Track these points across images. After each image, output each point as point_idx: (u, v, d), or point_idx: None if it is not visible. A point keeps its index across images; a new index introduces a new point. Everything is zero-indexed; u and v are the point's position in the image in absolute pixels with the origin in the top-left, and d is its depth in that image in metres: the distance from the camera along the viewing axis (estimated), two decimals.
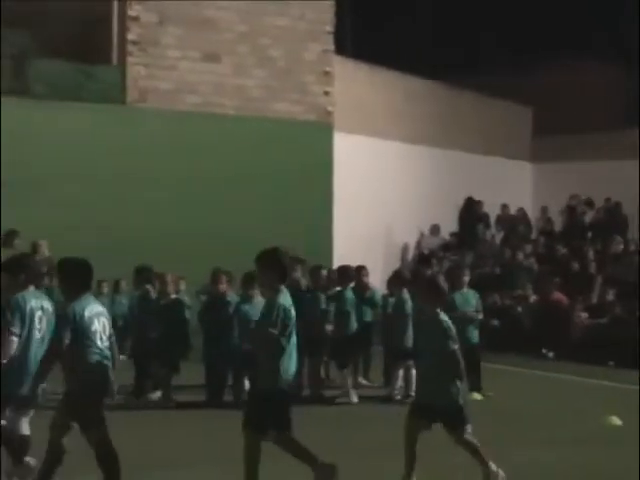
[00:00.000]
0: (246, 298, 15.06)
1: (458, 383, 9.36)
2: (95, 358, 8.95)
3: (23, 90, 23.00)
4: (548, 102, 31.68)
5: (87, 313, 8.97)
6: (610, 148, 29.20)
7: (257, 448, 8.99)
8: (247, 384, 14.73)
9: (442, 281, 9.95)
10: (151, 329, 15.44)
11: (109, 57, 24.13)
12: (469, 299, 16.20)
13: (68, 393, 9.06)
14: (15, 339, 9.07)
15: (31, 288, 9.52)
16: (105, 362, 9.04)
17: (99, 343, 8.99)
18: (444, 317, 9.61)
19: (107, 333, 9.11)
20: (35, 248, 19.76)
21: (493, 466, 9.37)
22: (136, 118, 23.94)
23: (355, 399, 15.40)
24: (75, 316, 8.86)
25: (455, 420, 9.37)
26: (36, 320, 9.21)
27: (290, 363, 9.08)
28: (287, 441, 9.07)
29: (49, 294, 20.66)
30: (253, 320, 14.64)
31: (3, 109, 22.30)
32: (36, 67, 23.20)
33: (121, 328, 20.28)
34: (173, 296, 15.92)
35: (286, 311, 9.01)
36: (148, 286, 15.98)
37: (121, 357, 19.73)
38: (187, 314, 15.77)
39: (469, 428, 9.39)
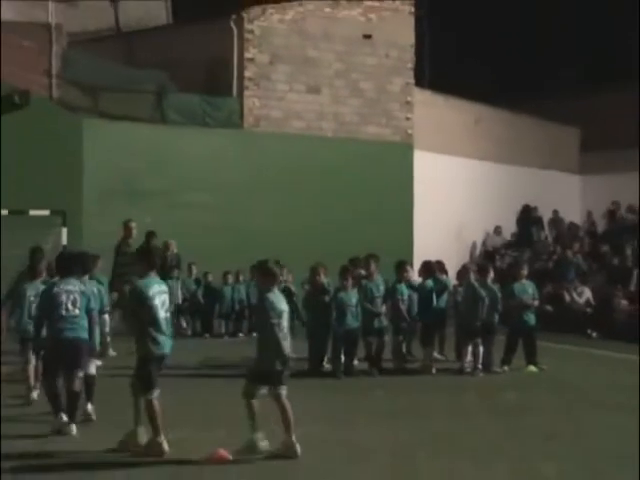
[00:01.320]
0: (342, 287, 15.05)
1: (277, 352, 9.28)
2: (58, 322, 10.16)
3: (161, 118, 23.41)
4: (594, 123, 31.29)
5: (55, 289, 10.29)
6: None
7: (138, 405, 9.48)
8: (342, 357, 14.87)
9: (274, 266, 9.80)
10: None
11: (230, 91, 24.28)
12: (527, 289, 16.05)
13: None
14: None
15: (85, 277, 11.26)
16: (64, 325, 10.17)
17: (62, 312, 10.16)
18: (270, 296, 9.45)
19: (77, 305, 10.22)
20: (166, 246, 20.04)
21: (294, 438, 9.26)
22: (251, 140, 24.17)
23: (434, 371, 15.43)
24: (48, 291, 10.37)
25: (274, 382, 9.31)
26: (63, 300, 10.27)
27: (157, 334, 9.34)
28: (147, 403, 9.35)
29: (184, 282, 20.95)
30: (348, 305, 14.92)
31: (145, 134, 22.83)
32: (171, 99, 23.52)
33: (237, 311, 20.68)
34: (283, 285, 16.05)
35: (142, 292, 9.40)
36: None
37: (240, 335, 19.96)
38: (294, 300, 15.93)
39: (284, 389, 9.34)
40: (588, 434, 10.76)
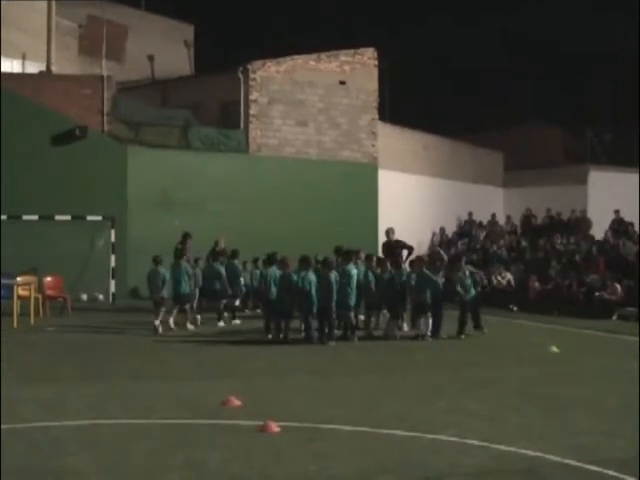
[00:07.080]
0: (324, 274, 14.65)
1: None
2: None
3: (187, 146, 23.58)
4: (515, 149, 31.60)
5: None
6: (555, 178, 29.14)
7: None
8: (326, 328, 14.50)
9: None
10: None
11: (238, 124, 24.43)
12: (474, 276, 16.13)
13: None
14: None
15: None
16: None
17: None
18: None
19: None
20: (217, 242, 19.83)
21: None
22: (255, 162, 24.31)
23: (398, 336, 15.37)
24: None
25: None
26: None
27: None
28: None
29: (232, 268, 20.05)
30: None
31: (174, 158, 22.91)
32: (194, 131, 23.68)
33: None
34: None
35: None
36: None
37: (258, 310, 18.83)
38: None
39: None
40: (504, 380, 11.02)
